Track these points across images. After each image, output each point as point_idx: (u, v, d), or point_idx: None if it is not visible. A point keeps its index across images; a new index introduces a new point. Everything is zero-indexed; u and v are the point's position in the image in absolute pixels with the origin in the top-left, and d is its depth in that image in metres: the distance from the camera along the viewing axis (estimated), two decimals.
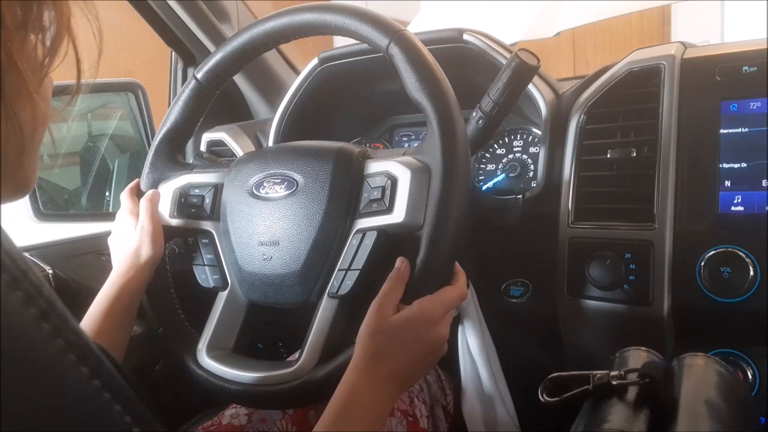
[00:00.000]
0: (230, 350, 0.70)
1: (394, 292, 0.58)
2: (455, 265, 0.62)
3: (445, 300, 0.59)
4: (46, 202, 1.04)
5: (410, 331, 0.57)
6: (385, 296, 0.58)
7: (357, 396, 0.54)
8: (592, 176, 0.82)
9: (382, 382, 0.55)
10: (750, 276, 0.70)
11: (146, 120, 1.13)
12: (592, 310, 0.80)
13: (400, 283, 0.58)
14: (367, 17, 0.63)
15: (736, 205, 0.73)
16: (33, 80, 0.37)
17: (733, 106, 0.75)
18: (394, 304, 0.58)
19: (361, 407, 0.53)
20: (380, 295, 0.58)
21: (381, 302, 0.57)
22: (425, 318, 0.57)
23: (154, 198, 0.74)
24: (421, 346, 0.57)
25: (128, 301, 0.69)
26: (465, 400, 0.84)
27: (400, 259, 0.60)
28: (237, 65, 0.74)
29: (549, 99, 0.88)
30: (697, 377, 0.51)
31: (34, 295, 0.27)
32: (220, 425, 0.72)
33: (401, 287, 0.58)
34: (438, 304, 0.58)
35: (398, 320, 0.57)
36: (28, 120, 0.37)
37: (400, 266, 0.59)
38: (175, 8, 1.11)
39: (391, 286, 0.58)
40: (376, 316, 0.57)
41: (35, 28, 0.36)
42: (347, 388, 0.54)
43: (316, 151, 0.68)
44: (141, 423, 0.30)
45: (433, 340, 0.58)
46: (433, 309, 0.58)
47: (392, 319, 0.57)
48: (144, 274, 0.71)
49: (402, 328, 0.56)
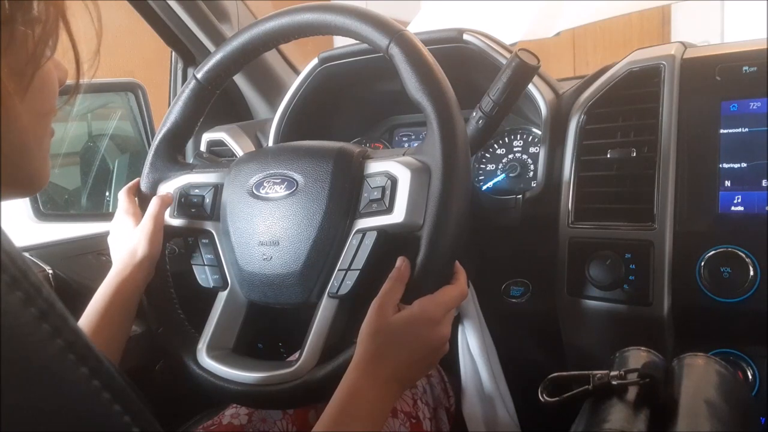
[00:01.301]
0: (230, 350, 0.70)
1: (395, 291, 0.58)
2: (456, 264, 0.62)
3: (445, 300, 0.59)
4: (46, 202, 1.04)
5: (411, 331, 0.56)
6: (385, 296, 0.58)
7: (358, 396, 0.54)
8: (592, 176, 0.82)
9: (382, 381, 0.55)
10: (750, 276, 0.70)
11: (146, 120, 1.13)
12: (592, 310, 0.80)
13: (401, 283, 0.58)
14: (367, 17, 0.63)
15: (736, 205, 0.73)
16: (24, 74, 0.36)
17: (733, 106, 0.75)
18: (395, 304, 0.58)
19: (362, 407, 0.53)
20: (380, 295, 0.58)
21: (381, 302, 0.57)
22: (426, 317, 0.57)
23: (165, 200, 0.73)
24: (422, 345, 0.57)
25: (125, 300, 0.69)
26: (465, 400, 0.84)
27: (401, 259, 0.60)
28: (237, 65, 0.74)
29: (549, 99, 0.87)
30: (697, 377, 0.51)
31: (33, 295, 0.27)
32: (220, 425, 0.72)
33: (401, 287, 0.58)
34: (438, 304, 0.58)
35: (399, 320, 0.57)
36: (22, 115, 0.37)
37: (400, 266, 0.59)
38: (175, 8, 1.11)
39: (391, 286, 0.58)
40: (376, 316, 0.57)
41: (25, 22, 0.35)
42: (348, 387, 0.54)
43: (316, 151, 0.68)
44: (141, 423, 0.30)
45: (434, 340, 0.58)
46: (433, 308, 0.58)
47: (393, 318, 0.57)
48: (141, 273, 0.70)
49: (403, 327, 0.56)
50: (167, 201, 0.74)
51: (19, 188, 0.42)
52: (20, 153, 0.39)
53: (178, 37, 1.17)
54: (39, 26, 0.36)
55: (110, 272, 0.71)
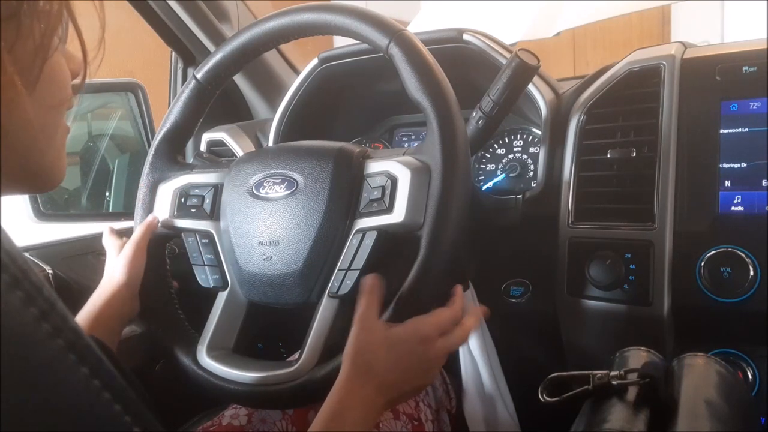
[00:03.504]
0: (230, 350, 0.70)
1: (371, 305, 0.58)
2: (456, 288, 0.63)
3: (439, 321, 0.59)
4: (46, 202, 1.04)
5: (404, 348, 0.56)
6: (364, 313, 0.57)
7: (342, 416, 0.53)
8: (592, 176, 0.82)
9: (368, 400, 0.54)
10: (750, 276, 0.70)
11: (146, 120, 1.13)
12: (592, 310, 0.80)
13: (374, 296, 0.58)
14: (367, 17, 0.63)
15: (736, 205, 0.73)
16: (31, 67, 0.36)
17: (733, 106, 0.75)
18: (376, 319, 0.57)
19: (347, 426, 0.52)
20: (360, 314, 0.57)
21: (362, 319, 0.57)
22: (419, 335, 0.57)
23: (149, 225, 0.73)
24: (416, 362, 0.57)
25: (104, 330, 0.66)
26: (466, 399, 0.84)
27: (367, 277, 0.59)
28: (237, 65, 0.74)
29: (549, 99, 0.87)
30: (697, 377, 0.51)
31: (34, 295, 0.27)
32: (220, 425, 0.72)
33: (376, 300, 0.58)
34: (431, 324, 0.58)
35: (392, 336, 0.56)
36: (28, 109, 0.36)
37: (367, 282, 0.59)
38: (175, 8, 1.11)
39: (365, 300, 0.58)
40: (361, 333, 0.56)
41: (31, 14, 0.35)
42: (332, 407, 0.53)
43: (316, 151, 0.68)
44: (141, 423, 0.30)
45: (428, 358, 0.58)
46: (427, 328, 0.58)
47: (386, 334, 0.56)
48: (117, 301, 0.68)
49: (395, 344, 0.56)
50: (151, 226, 0.73)
51: (32, 184, 0.42)
52: (29, 147, 0.38)
53: (178, 37, 1.17)
54: (44, 18, 0.36)
55: (87, 301, 0.69)
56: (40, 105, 0.38)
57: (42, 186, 0.42)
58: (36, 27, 0.35)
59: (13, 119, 0.35)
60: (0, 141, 0.35)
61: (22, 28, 0.35)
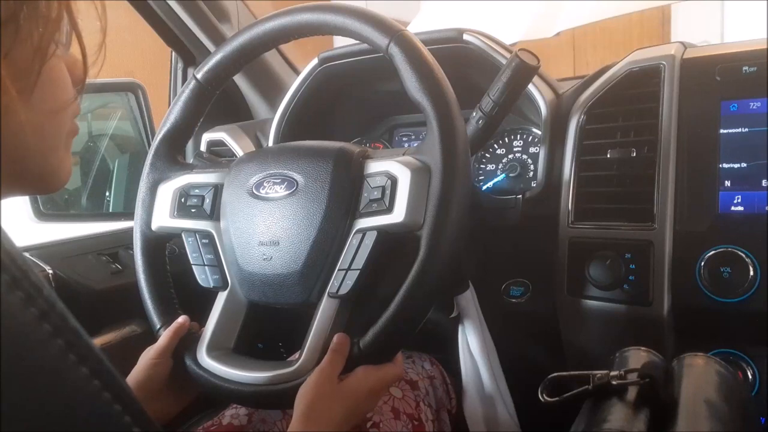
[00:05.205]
0: (230, 350, 0.70)
1: (336, 364, 0.60)
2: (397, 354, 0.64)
3: (386, 376, 0.62)
4: (46, 202, 1.04)
5: (353, 399, 0.59)
6: (326, 368, 0.59)
7: None
8: (592, 176, 0.82)
9: None
10: (750, 276, 0.70)
11: (146, 120, 1.13)
12: (592, 310, 0.80)
13: (341, 356, 0.60)
14: (367, 17, 0.63)
15: (736, 205, 0.73)
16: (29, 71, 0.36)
17: (733, 106, 0.75)
18: (336, 375, 0.59)
19: None
20: (323, 366, 0.59)
21: (324, 373, 0.59)
22: (367, 388, 0.60)
23: (177, 331, 0.69)
24: (363, 409, 0.61)
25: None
26: (466, 399, 0.84)
27: (339, 335, 0.61)
28: (237, 65, 0.74)
29: (549, 99, 0.87)
30: (697, 377, 0.51)
31: (34, 295, 0.27)
32: (220, 425, 0.72)
33: (342, 359, 0.60)
34: (379, 379, 0.61)
35: (345, 389, 0.59)
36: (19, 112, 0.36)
37: (338, 341, 0.61)
38: (175, 8, 1.11)
39: (331, 359, 0.60)
40: (319, 385, 0.58)
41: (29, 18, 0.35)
42: None
43: (316, 151, 0.68)
44: (140, 423, 0.30)
45: (367, 410, 0.63)
46: (375, 380, 0.61)
47: (339, 387, 0.58)
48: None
49: (348, 396, 0.59)
50: (179, 332, 0.69)
51: (36, 186, 0.42)
52: (22, 151, 0.38)
53: (178, 37, 1.17)
54: (43, 22, 0.35)
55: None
56: (38, 109, 0.38)
57: (46, 188, 0.42)
58: (35, 31, 0.35)
59: (4, 123, 0.35)
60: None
61: (20, 31, 0.34)
